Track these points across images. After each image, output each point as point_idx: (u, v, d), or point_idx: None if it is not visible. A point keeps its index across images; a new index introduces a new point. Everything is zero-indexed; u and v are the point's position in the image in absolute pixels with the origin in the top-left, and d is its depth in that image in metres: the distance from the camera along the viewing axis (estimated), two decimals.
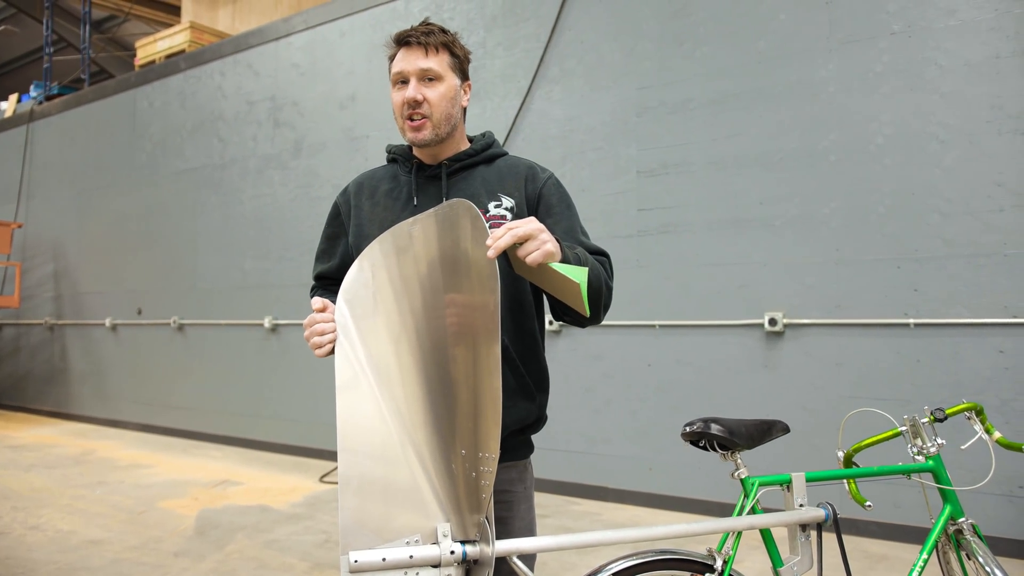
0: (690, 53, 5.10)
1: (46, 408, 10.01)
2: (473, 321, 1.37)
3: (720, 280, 4.91)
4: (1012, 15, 4.08)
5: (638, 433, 5.18)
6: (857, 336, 4.44)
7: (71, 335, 9.74)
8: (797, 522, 1.80)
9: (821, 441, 4.38)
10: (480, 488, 1.33)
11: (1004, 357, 4.04)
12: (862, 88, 4.48)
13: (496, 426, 1.29)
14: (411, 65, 1.70)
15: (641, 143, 5.26)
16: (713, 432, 1.79)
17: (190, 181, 8.31)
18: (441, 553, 1.33)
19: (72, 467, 6.55)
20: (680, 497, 4.96)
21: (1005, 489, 3.97)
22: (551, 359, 5.41)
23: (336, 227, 1.87)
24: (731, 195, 4.89)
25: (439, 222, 1.46)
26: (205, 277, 8.10)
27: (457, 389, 1.39)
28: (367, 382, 1.45)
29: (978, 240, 4.13)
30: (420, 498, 1.38)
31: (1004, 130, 4.09)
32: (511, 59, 5.89)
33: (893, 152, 4.38)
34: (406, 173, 1.79)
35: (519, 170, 1.80)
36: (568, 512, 5.01)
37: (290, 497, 5.47)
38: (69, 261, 9.87)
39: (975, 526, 2.09)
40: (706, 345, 4.95)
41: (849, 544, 4.15)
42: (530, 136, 5.79)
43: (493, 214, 1.70)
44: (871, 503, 2.01)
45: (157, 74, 8.88)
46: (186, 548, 4.23)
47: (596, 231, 5.30)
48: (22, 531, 4.51)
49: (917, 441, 2.12)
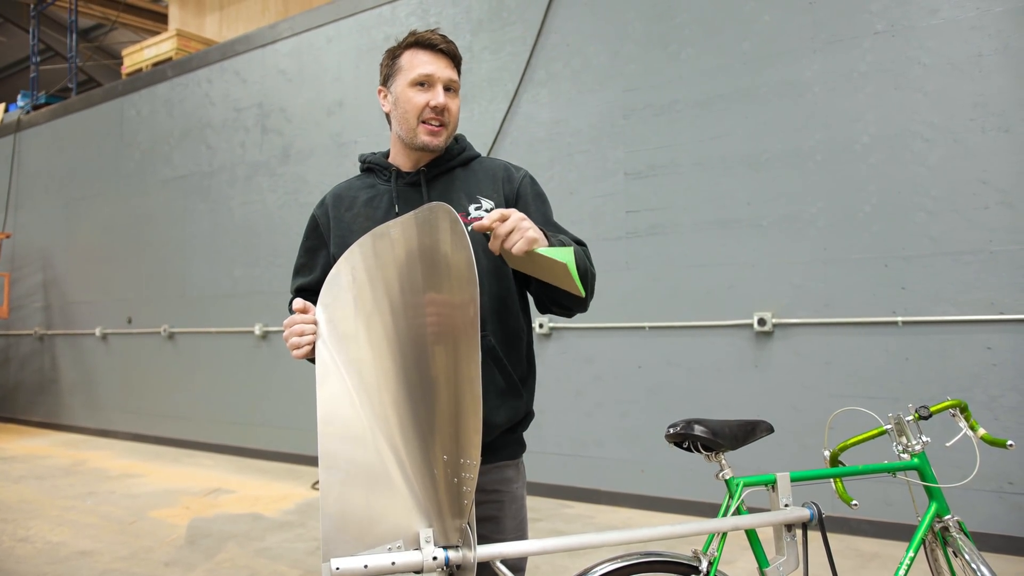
0: (675, 55, 5.11)
1: (36, 419, 9.95)
2: (453, 325, 1.37)
3: (709, 281, 4.92)
4: (993, 14, 4.11)
5: (630, 435, 5.18)
6: (846, 335, 4.46)
7: (61, 345, 9.68)
8: (782, 522, 1.80)
9: (812, 440, 4.39)
10: (462, 494, 1.32)
11: (991, 354, 4.06)
12: (847, 88, 4.50)
13: (477, 433, 1.29)
14: (442, 72, 1.72)
15: (628, 145, 5.27)
16: (696, 433, 1.79)
17: (178, 189, 8.28)
18: (423, 559, 1.32)
19: (62, 478, 6.50)
20: (674, 499, 4.96)
21: (992, 485, 3.99)
22: (541, 362, 5.45)
23: (315, 240, 1.86)
24: (718, 196, 4.90)
25: (419, 225, 1.46)
26: (195, 285, 8.07)
27: (438, 393, 1.39)
28: (347, 387, 1.44)
29: (964, 237, 4.15)
30: (402, 503, 1.38)
31: (988, 128, 4.11)
32: (497, 63, 5.89)
33: (878, 151, 4.40)
34: (384, 181, 1.79)
35: (496, 172, 1.81)
36: (561, 515, 5.01)
37: (282, 504, 5.45)
38: (58, 271, 9.82)
39: (961, 523, 2.09)
40: (696, 346, 4.96)
41: (841, 543, 4.18)
42: (517, 139, 5.79)
43: (474, 216, 1.71)
44: (857, 502, 2.02)
45: (144, 82, 8.85)
46: (177, 558, 4.21)
47: (584, 233, 5.24)
48: (11, 543, 4.48)
49: (902, 439, 2.12)
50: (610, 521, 4.85)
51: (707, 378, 4.91)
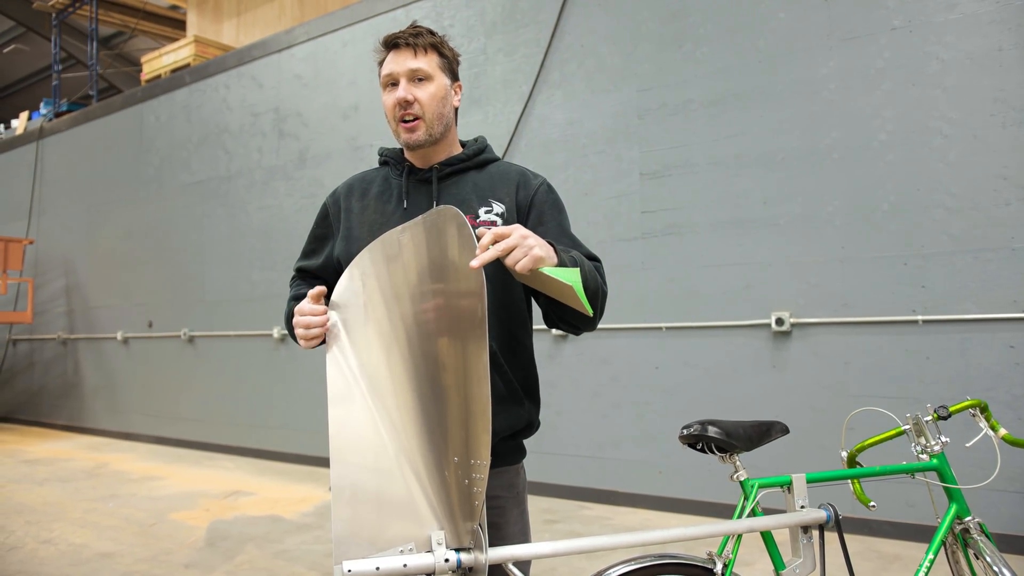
0: (690, 54, 5.09)
1: (60, 422, 10.09)
2: (461, 325, 1.37)
3: (725, 281, 4.88)
4: (1013, 7, 4.05)
5: (647, 436, 5.16)
6: (864, 334, 4.41)
7: (83, 349, 9.81)
8: (798, 524, 1.78)
9: (830, 441, 4.34)
10: (473, 495, 1.32)
11: (1014, 352, 3.99)
12: (863, 85, 4.46)
13: (486, 433, 1.28)
14: (400, 66, 1.69)
15: (643, 145, 5.25)
16: (710, 434, 1.78)
17: (197, 194, 8.36)
18: (435, 561, 1.32)
19: (85, 480, 6.59)
20: (691, 500, 4.93)
21: (1015, 486, 3.93)
22: (558, 364, 5.45)
23: (324, 228, 1.88)
24: (734, 195, 4.87)
25: (427, 230, 1.46)
26: (213, 289, 8.14)
27: (448, 397, 1.39)
28: (359, 392, 1.45)
29: (985, 234, 4.09)
30: (413, 506, 1.38)
31: (1008, 123, 4.05)
32: (512, 65, 5.89)
33: (896, 148, 4.35)
34: (397, 176, 1.79)
35: (510, 176, 1.77)
36: (579, 517, 4.99)
37: (300, 507, 5.48)
38: (80, 276, 9.95)
39: (982, 524, 2.06)
40: (713, 346, 4.93)
41: (862, 544, 4.13)
42: (532, 141, 5.79)
43: (484, 219, 1.69)
44: (875, 503, 1.99)
45: (163, 88, 8.95)
46: (196, 560, 4.24)
47: (600, 234, 5.30)
48: (35, 545, 4.54)
49: (921, 440, 2.09)
50: (627, 522, 4.83)
51: (724, 379, 4.87)
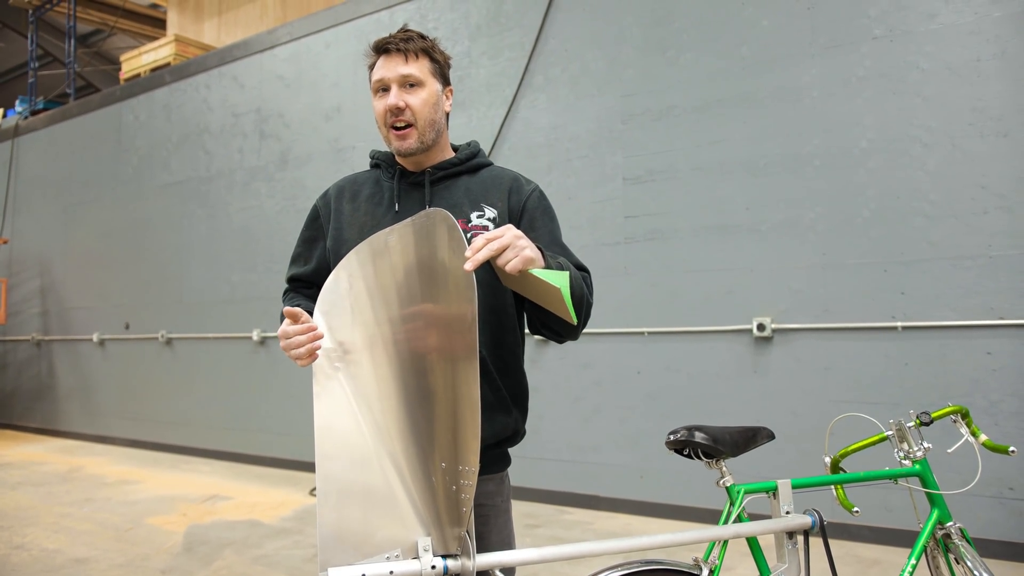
0: (674, 60, 5.11)
1: (33, 425, 9.91)
2: (451, 330, 1.36)
3: (708, 286, 4.91)
4: (991, 19, 4.11)
5: (628, 441, 5.16)
6: (845, 340, 4.45)
7: (58, 351, 9.65)
8: (783, 530, 1.78)
9: (811, 446, 4.37)
10: (461, 502, 1.31)
11: (991, 359, 4.05)
12: (845, 93, 4.50)
13: (475, 439, 1.27)
14: (391, 72, 1.68)
15: (627, 150, 5.27)
16: (697, 440, 1.77)
17: (176, 194, 8.27)
18: (422, 568, 1.31)
19: (59, 484, 6.47)
20: (673, 505, 4.94)
21: (994, 491, 3.98)
22: (540, 368, 5.44)
23: (314, 230, 1.83)
24: (717, 201, 4.90)
25: (416, 231, 1.45)
26: (192, 291, 8.05)
27: (436, 401, 1.37)
28: (345, 395, 1.43)
29: (963, 242, 4.15)
30: (400, 512, 1.36)
31: (986, 132, 4.11)
32: (496, 68, 5.89)
33: (877, 156, 4.40)
34: (388, 179, 1.77)
35: (503, 181, 1.76)
36: (560, 522, 4.99)
37: (280, 511, 5.42)
38: (55, 276, 9.80)
39: (963, 530, 2.08)
40: (695, 351, 4.95)
41: (841, 549, 4.16)
42: (516, 145, 5.79)
43: (475, 224, 1.67)
44: (859, 508, 2.00)
45: (142, 87, 8.84)
46: (173, 565, 4.18)
47: (583, 239, 5.30)
48: (6, 550, 4.45)
49: (903, 445, 2.11)
50: (609, 527, 4.83)
51: (706, 384, 4.89)
